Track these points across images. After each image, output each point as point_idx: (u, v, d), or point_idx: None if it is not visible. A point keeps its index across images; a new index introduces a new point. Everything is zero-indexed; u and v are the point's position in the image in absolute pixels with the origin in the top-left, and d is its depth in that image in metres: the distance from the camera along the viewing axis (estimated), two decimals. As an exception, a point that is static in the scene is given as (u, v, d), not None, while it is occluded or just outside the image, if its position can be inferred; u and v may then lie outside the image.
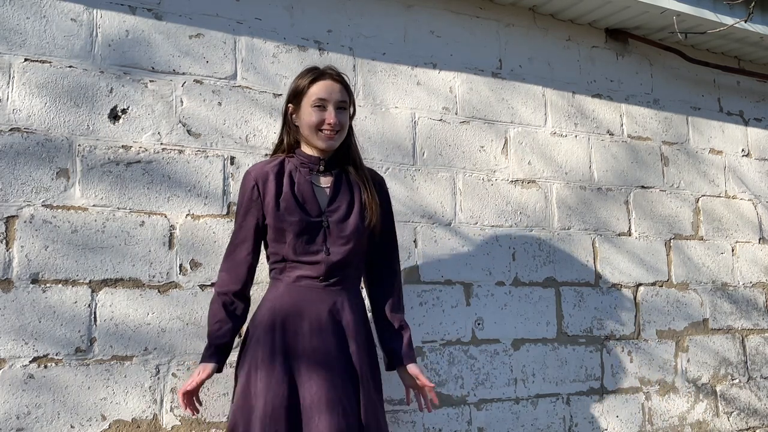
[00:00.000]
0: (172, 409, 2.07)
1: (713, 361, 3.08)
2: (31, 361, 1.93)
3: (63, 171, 2.05)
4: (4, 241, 1.95)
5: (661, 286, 3.03)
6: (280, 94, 2.38)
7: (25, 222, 1.98)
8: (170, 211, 2.17)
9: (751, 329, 3.23)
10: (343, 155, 1.96)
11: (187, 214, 2.19)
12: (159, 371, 2.07)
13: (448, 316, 2.53)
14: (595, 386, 2.77)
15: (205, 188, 2.23)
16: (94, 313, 2.02)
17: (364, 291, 2.08)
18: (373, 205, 1.93)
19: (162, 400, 2.06)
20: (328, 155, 1.94)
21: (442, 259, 2.56)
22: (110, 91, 2.14)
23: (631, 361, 2.88)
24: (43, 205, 2.01)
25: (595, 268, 2.87)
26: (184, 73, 2.25)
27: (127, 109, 2.16)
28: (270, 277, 1.95)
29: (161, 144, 2.18)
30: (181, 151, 2.21)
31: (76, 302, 2.00)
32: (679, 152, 3.21)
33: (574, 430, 2.70)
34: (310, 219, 1.85)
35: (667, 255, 3.07)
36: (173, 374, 2.08)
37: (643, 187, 3.08)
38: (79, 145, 2.08)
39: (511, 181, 2.76)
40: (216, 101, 2.29)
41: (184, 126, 2.23)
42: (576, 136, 2.95)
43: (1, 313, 1.91)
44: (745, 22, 2.98)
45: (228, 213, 2.24)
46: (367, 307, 2.02)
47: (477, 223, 2.66)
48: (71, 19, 2.12)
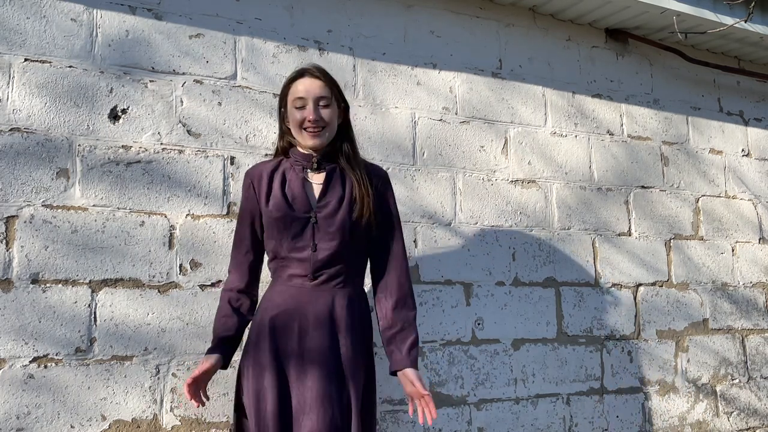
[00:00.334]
0: (172, 409, 2.07)
1: (713, 361, 3.08)
2: (31, 361, 1.93)
3: (63, 171, 2.05)
4: (4, 241, 1.95)
5: (661, 286, 3.03)
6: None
7: (25, 222, 1.98)
8: (170, 211, 2.17)
9: (751, 329, 3.23)
10: (338, 152, 1.93)
11: (187, 214, 2.19)
12: (159, 371, 2.07)
13: (448, 316, 2.53)
14: (595, 386, 2.77)
15: (205, 188, 2.23)
16: (94, 313, 2.02)
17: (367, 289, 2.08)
18: (366, 200, 1.87)
19: (162, 400, 2.06)
20: (322, 152, 1.91)
21: (442, 259, 2.56)
22: (110, 91, 2.14)
23: (631, 361, 2.88)
24: (43, 205, 2.01)
25: (595, 268, 2.87)
26: (184, 73, 2.25)
27: (127, 109, 2.16)
28: (270, 275, 1.95)
29: (161, 144, 2.18)
30: (181, 151, 2.21)
31: (76, 302, 2.00)
32: (679, 152, 3.22)
33: (574, 430, 2.70)
34: (295, 214, 1.84)
35: (667, 255, 3.07)
36: (173, 374, 2.08)
37: (643, 187, 3.08)
38: (79, 145, 2.08)
39: (511, 181, 2.76)
40: (216, 101, 2.29)
41: (184, 126, 2.23)
42: (576, 136, 2.95)
43: (1, 313, 1.92)
44: (745, 22, 2.98)
45: (228, 213, 2.24)
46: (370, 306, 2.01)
47: (477, 223, 2.66)
48: (71, 19, 2.12)
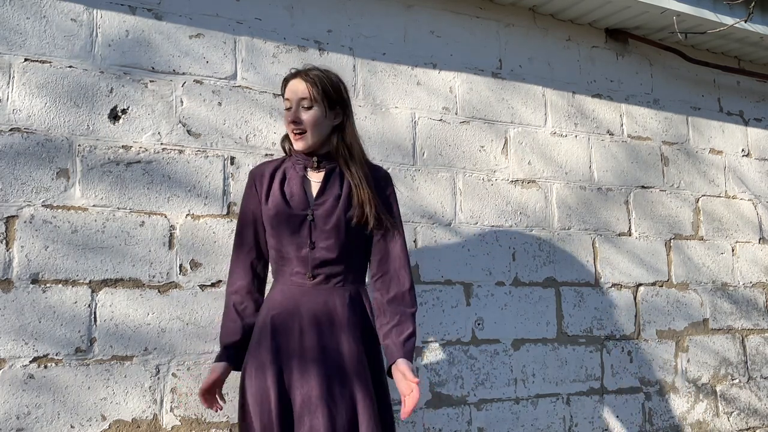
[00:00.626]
0: (172, 409, 2.07)
1: (713, 361, 3.08)
2: (31, 361, 1.93)
3: (63, 171, 2.05)
4: (4, 241, 1.95)
5: (661, 286, 3.03)
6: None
7: (25, 222, 1.98)
8: (170, 211, 2.17)
9: (751, 329, 3.23)
10: (338, 153, 1.91)
11: (187, 214, 2.19)
12: (159, 371, 2.07)
13: (448, 316, 2.53)
14: (595, 386, 2.77)
15: (205, 188, 2.23)
16: (94, 313, 2.02)
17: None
18: (364, 199, 1.85)
19: (162, 400, 2.06)
20: (322, 151, 1.90)
21: (442, 259, 2.56)
22: (110, 91, 2.14)
23: (631, 361, 2.87)
24: (43, 205, 2.01)
25: (595, 268, 2.87)
26: (184, 73, 2.25)
27: (127, 109, 2.16)
28: (272, 276, 1.95)
29: (161, 144, 2.18)
30: (181, 151, 2.21)
31: (76, 302, 2.00)
32: (679, 152, 3.21)
33: (574, 430, 2.70)
34: (292, 212, 1.84)
35: (667, 255, 3.07)
36: (173, 374, 2.08)
37: (643, 187, 3.08)
38: (79, 145, 2.08)
39: (511, 181, 2.76)
40: (216, 101, 2.29)
41: (184, 126, 2.23)
42: (576, 136, 2.95)
43: (1, 313, 1.92)
44: (745, 22, 2.98)
45: (228, 213, 2.24)
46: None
47: (477, 223, 2.66)
48: (71, 19, 2.12)
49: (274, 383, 1.75)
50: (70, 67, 2.10)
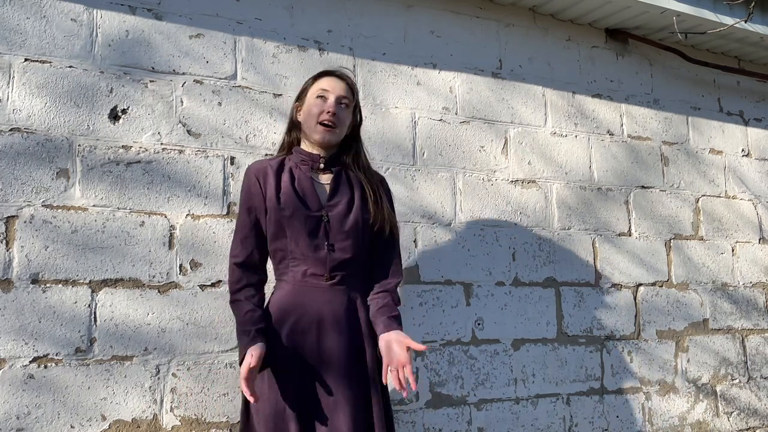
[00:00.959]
0: (172, 409, 2.07)
1: (713, 361, 3.08)
2: (31, 361, 1.93)
3: (63, 171, 2.05)
4: (4, 241, 1.95)
5: (661, 286, 3.03)
6: (280, 94, 2.39)
7: (25, 222, 1.98)
8: (170, 211, 2.17)
9: (751, 329, 3.23)
10: (346, 157, 1.96)
11: (187, 214, 2.19)
12: (159, 371, 2.07)
13: (448, 316, 2.53)
14: (595, 386, 2.77)
15: (205, 188, 2.23)
16: (94, 313, 2.02)
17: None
18: (377, 202, 1.92)
19: (162, 400, 2.06)
20: (329, 153, 1.94)
21: (442, 259, 2.56)
22: (110, 91, 2.14)
23: (631, 361, 2.87)
24: (43, 205, 2.01)
25: (595, 268, 2.87)
26: (184, 73, 2.25)
27: (127, 109, 2.16)
28: (275, 277, 1.93)
29: (161, 144, 2.18)
30: (181, 151, 2.21)
31: (76, 302, 2.00)
32: (679, 152, 3.21)
33: (574, 430, 2.70)
34: (311, 213, 1.85)
35: (667, 255, 3.07)
36: (173, 374, 2.08)
37: (643, 187, 3.08)
38: (79, 145, 2.08)
39: (511, 181, 2.76)
40: (216, 101, 2.29)
41: (184, 126, 2.23)
42: (576, 136, 2.95)
43: (1, 313, 1.92)
44: (745, 22, 2.98)
45: (228, 213, 2.24)
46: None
47: (477, 223, 2.66)
48: (71, 19, 2.12)
49: (293, 384, 1.74)
50: (70, 67, 2.10)
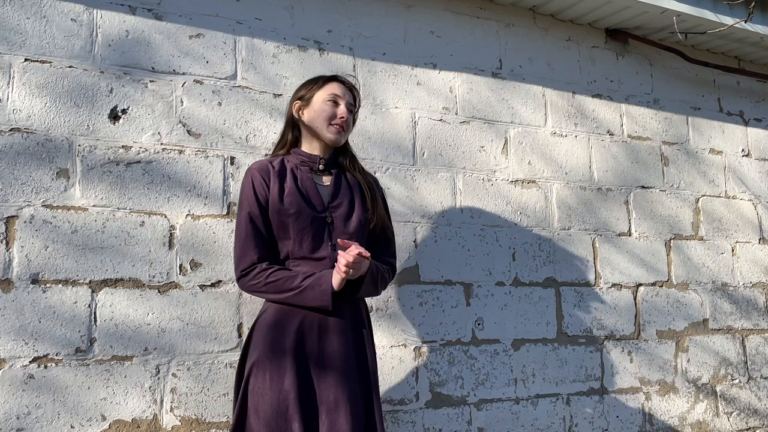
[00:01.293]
0: (172, 409, 2.07)
1: (713, 361, 3.08)
2: (31, 361, 1.93)
3: (63, 171, 2.05)
4: (4, 241, 1.95)
5: (661, 286, 3.03)
6: (280, 94, 2.39)
7: (25, 222, 1.98)
8: (170, 211, 2.17)
9: (751, 329, 3.23)
10: (341, 158, 2.02)
11: (187, 214, 2.19)
12: (159, 371, 2.07)
13: (448, 316, 2.53)
14: (595, 386, 2.77)
15: (205, 188, 2.23)
16: (94, 313, 2.02)
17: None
18: (378, 203, 1.99)
19: (162, 400, 2.06)
20: (327, 155, 1.98)
21: (442, 259, 2.56)
22: (110, 91, 2.14)
23: (631, 361, 2.87)
24: (43, 205, 2.01)
25: (595, 268, 2.87)
26: (184, 73, 2.25)
27: (127, 109, 2.16)
28: None
29: (161, 144, 2.18)
30: (181, 151, 2.21)
31: (76, 302, 2.00)
32: (679, 152, 3.21)
33: (574, 430, 2.70)
34: (316, 213, 1.87)
35: (667, 255, 3.07)
36: (173, 374, 2.08)
37: (643, 187, 3.08)
38: (79, 145, 2.08)
39: (511, 181, 2.76)
40: (216, 101, 2.29)
41: (184, 126, 2.23)
42: (576, 136, 2.95)
43: (1, 313, 1.91)
44: (745, 22, 2.98)
45: (228, 213, 2.24)
46: (368, 306, 2.02)
47: (477, 223, 2.66)
48: (71, 19, 2.12)
49: (294, 383, 1.74)
50: (70, 67, 2.10)
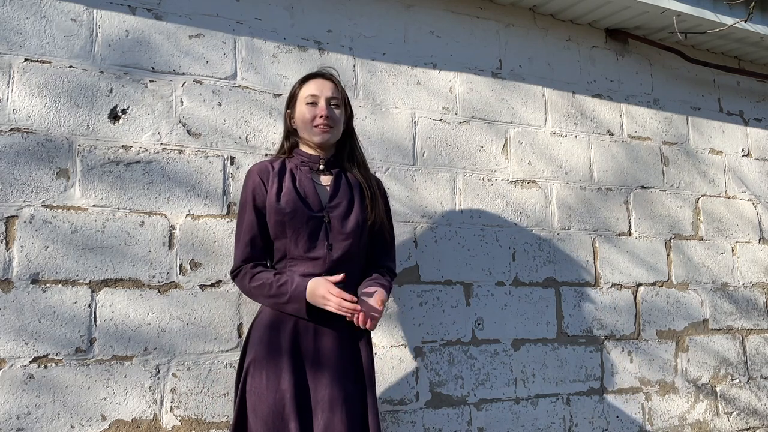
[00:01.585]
0: (172, 409, 2.07)
1: (713, 361, 3.08)
2: (31, 361, 1.93)
3: (63, 171, 2.05)
4: (4, 241, 1.95)
5: (661, 286, 3.03)
6: (280, 94, 2.39)
7: (25, 222, 1.98)
8: (170, 211, 2.17)
9: (751, 329, 3.23)
10: (344, 157, 2.00)
11: (187, 214, 2.19)
12: (159, 371, 2.07)
13: (448, 316, 2.53)
14: (595, 386, 2.77)
15: (205, 188, 2.23)
16: (94, 313, 2.02)
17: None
18: (377, 203, 1.96)
19: (162, 400, 2.06)
20: (329, 154, 1.97)
21: (442, 259, 2.56)
22: (110, 91, 2.14)
23: (631, 361, 2.87)
24: (43, 205, 2.01)
25: (595, 268, 2.87)
26: (184, 73, 2.25)
27: (127, 109, 2.16)
28: None
29: (161, 144, 2.18)
30: (181, 151, 2.21)
31: (76, 302, 2.00)
32: (679, 152, 3.21)
33: (574, 430, 2.70)
34: (312, 213, 1.86)
35: (667, 255, 3.07)
36: (173, 374, 2.08)
37: (643, 187, 3.08)
38: (79, 145, 2.08)
39: (511, 181, 2.76)
40: (216, 101, 2.29)
41: (184, 126, 2.23)
42: (576, 136, 2.95)
43: (1, 313, 1.91)
44: (745, 22, 2.98)
45: (228, 213, 2.24)
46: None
47: (477, 223, 2.66)
48: (71, 19, 2.12)
49: (290, 382, 1.75)
50: (70, 67, 2.10)
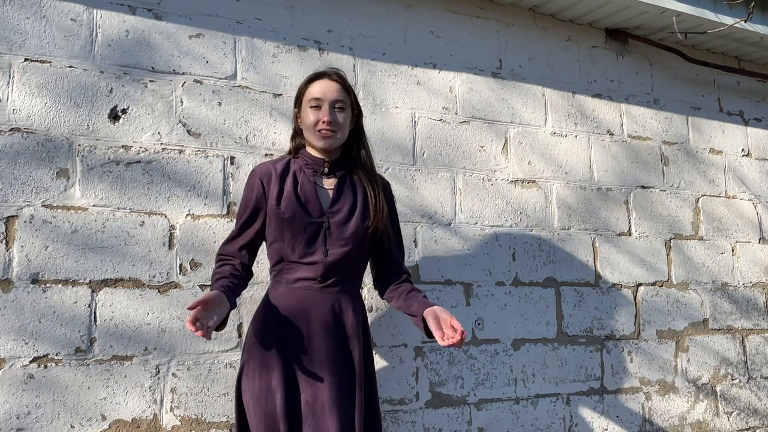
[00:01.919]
0: (172, 409, 2.07)
1: (713, 361, 3.08)
2: (31, 361, 1.93)
3: (63, 171, 2.05)
4: (4, 241, 1.95)
5: (661, 286, 3.03)
6: (280, 94, 2.39)
7: (25, 222, 1.98)
8: (170, 211, 2.17)
9: (751, 329, 3.23)
10: (351, 158, 1.96)
11: (187, 214, 2.19)
12: (159, 371, 2.07)
13: (448, 316, 2.53)
14: (595, 386, 2.77)
15: (205, 188, 2.23)
16: (94, 313, 2.02)
17: (363, 291, 2.08)
18: (380, 209, 1.92)
19: (162, 400, 2.06)
20: (333, 157, 1.93)
21: (442, 259, 2.56)
22: (110, 91, 2.14)
23: (631, 361, 2.87)
24: (43, 205, 2.01)
25: (595, 268, 2.87)
26: (184, 73, 2.25)
27: (127, 109, 2.16)
28: (270, 278, 1.95)
29: (161, 144, 2.18)
30: (181, 151, 2.21)
31: (76, 302, 2.00)
32: (679, 152, 3.21)
33: (574, 430, 2.70)
34: (310, 219, 1.85)
35: (667, 255, 3.07)
36: (173, 374, 2.08)
37: (643, 187, 3.08)
38: (79, 145, 2.08)
39: (511, 181, 2.76)
40: (216, 101, 2.29)
41: (184, 126, 2.23)
42: (576, 136, 2.95)
43: (1, 313, 1.92)
44: (745, 22, 2.98)
45: (228, 213, 2.24)
46: (367, 307, 2.02)
47: (477, 223, 2.66)
48: (71, 19, 2.12)
49: (281, 384, 1.75)
50: (70, 67, 2.10)
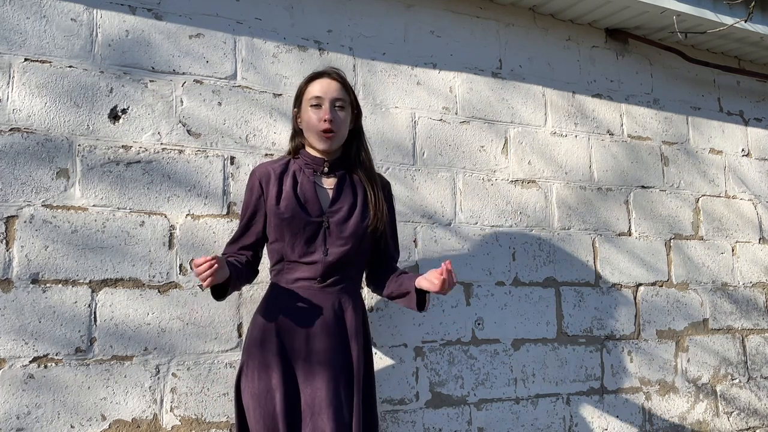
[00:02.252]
0: (172, 409, 2.07)
1: (713, 361, 3.08)
2: (31, 361, 1.93)
3: (63, 171, 2.05)
4: (4, 241, 1.95)
5: (661, 286, 3.03)
6: (280, 94, 2.39)
7: (25, 222, 1.98)
8: (170, 211, 2.17)
9: (751, 329, 3.23)
10: (351, 157, 1.96)
11: (187, 214, 2.19)
12: (159, 371, 2.07)
13: (448, 316, 2.53)
14: (595, 386, 2.77)
15: (205, 188, 2.23)
16: (94, 313, 2.02)
17: (364, 291, 2.08)
18: (380, 209, 1.92)
19: (162, 400, 2.06)
20: (333, 156, 1.94)
21: (442, 259, 2.56)
22: (110, 91, 2.14)
23: (631, 361, 2.87)
24: (43, 205, 2.01)
25: (595, 268, 2.87)
26: (184, 73, 2.25)
27: (127, 109, 2.16)
28: (270, 277, 1.95)
29: (161, 144, 2.18)
30: (181, 151, 2.21)
31: (76, 302, 2.00)
32: (679, 152, 3.21)
33: (574, 430, 2.70)
34: (310, 218, 1.85)
35: (667, 255, 3.07)
36: (173, 374, 2.08)
37: (643, 187, 3.08)
38: (79, 145, 2.08)
39: (511, 181, 2.76)
40: (216, 101, 2.29)
41: (184, 126, 2.23)
42: (576, 136, 2.95)
43: (1, 313, 1.92)
44: (745, 22, 2.98)
45: (228, 213, 2.24)
46: (367, 307, 2.02)
47: (477, 223, 2.66)
48: (71, 19, 2.12)
49: (280, 383, 1.75)
50: (70, 67, 2.10)
